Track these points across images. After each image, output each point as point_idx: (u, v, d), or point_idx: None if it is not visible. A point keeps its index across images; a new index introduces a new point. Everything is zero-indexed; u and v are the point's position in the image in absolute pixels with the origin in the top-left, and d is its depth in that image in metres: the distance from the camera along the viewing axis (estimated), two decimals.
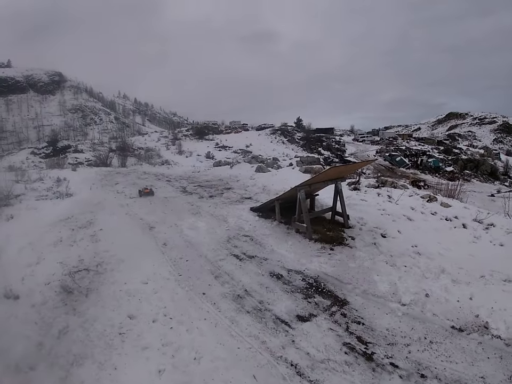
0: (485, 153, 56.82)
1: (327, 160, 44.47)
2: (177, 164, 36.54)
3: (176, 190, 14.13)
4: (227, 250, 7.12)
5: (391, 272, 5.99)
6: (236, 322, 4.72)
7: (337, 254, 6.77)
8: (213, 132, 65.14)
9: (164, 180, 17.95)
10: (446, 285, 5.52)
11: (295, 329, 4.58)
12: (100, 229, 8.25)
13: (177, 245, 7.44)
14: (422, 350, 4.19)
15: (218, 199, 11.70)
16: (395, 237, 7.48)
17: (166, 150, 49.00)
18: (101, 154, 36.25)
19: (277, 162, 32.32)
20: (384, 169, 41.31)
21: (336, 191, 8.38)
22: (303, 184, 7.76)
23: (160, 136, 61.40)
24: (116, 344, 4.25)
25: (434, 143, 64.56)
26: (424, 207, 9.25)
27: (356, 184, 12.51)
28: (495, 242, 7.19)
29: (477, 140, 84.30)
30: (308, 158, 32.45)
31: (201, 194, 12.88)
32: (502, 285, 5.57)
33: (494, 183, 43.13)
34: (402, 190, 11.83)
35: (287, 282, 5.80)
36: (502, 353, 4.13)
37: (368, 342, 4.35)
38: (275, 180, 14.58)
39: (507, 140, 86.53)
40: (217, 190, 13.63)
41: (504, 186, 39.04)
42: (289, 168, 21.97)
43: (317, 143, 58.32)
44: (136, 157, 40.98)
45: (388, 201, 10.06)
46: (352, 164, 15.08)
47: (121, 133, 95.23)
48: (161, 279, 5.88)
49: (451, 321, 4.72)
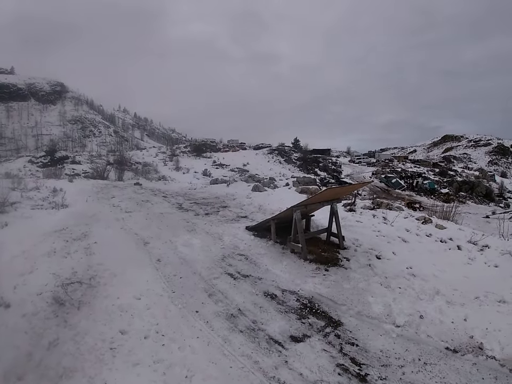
0: (480, 175, 57.34)
1: (323, 181, 44.68)
2: (174, 180, 36.60)
3: (172, 206, 14.09)
4: (221, 269, 7.09)
5: (386, 293, 5.99)
6: (229, 341, 4.69)
7: (332, 275, 6.77)
8: (211, 149, 65.49)
9: (160, 195, 17.93)
10: (440, 307, 5.53)
11: (289, 350, 4.55)
12: (94, 242, 8.20)
13: (171, 261, 7.40)
14: (416, 372, 4.17)
15: (214, 217, 11.68)
16: (390, 258, 7.50)
17: (163, 165, 49.20)
18: (99, 166, 36.14)
19: (273, 182, 32.38)
20: (380, 191, 41.48)
21: (331, 212, 8.41)
22: (299, 204, 7.78)
23: (158, 151, 61.76)
24: (106, 359, 4.21)
25: (429, 165, 65.09)
26: (419, 229, 9.30)
27: (351, 205, 12.57)
28: (489, 263, 7.21)
29: (472, 162, 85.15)
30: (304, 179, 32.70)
31: (197, 211, 12.85)
32: (497, 306, 5.59)
33: (489, 205, 43.42)
34: (398, 211, 11.90)
35: (281, 303, 5.77)
36: (497, 374, 4.13)
37: (362, 363, 4.32)
38: (271, 199, 14.60)
39: (502, 161, 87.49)
40: (213, 207, 13.62)
41: (499, 208, 39.42)
42: (286, 188, 22.08)
43: (314, 163, 58.67)
44: (134, 171, 41.02)
45: (383, 222, 10.10)
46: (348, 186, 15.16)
47: (119, 146, 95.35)
48: (155, 295, 5.83)
49: (445, 343, 4.72)
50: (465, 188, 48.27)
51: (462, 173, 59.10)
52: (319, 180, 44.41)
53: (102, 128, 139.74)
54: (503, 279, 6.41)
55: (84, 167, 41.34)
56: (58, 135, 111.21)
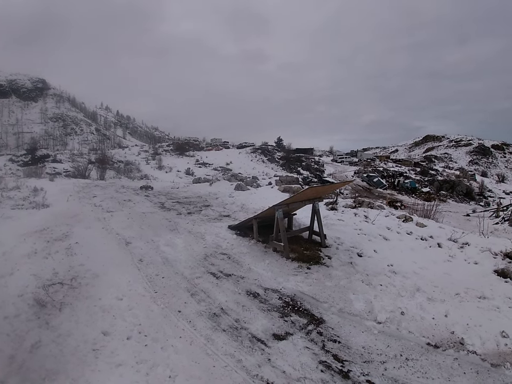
0: (460, 175, 58.10)
1: (306, 180, 44.79)
2: (157, 179, 36.23)
3: (154, 206, 13.96)
4: (204, 268, 7.07)
5: (367, 290, 6.05)
6: (212, 340, 4.68)
7: (313, 273, 6.81)
8: (194, 148, 65.32)
9: (142, 194, 17.74)
10: (421, 303, 5.61)
11: (271, 348, 4.56)
12: (75, 242, 8.10)
13: (153, 261, 7.35)
14: (398, 367, 4.23)
15: (197, 216, 11.63)
16: (371, 256, 7.58)
17: (145, 164, 48.92)
18: (80, 165, 35.49)
19: (256, 181, 32.44)
20: (361, 190, 41.74)
21: (313, 210, 8.44)
22: (281, 203, 7.79)
23: (140, 150, 61.35)
24: (89, 360, 4.17)
25: (411, 164, 65.80)
26: (400, 227, 9.41)
27: (333, 204, 12.64)
28: (469, 260, 7.35)
29: (453, 162, 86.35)
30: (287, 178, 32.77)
31: (179, 210, 12.77)
32: (477, 302, 5.72)
33: (469, 203, 44.03)
34: (379, 210, 12.02)
35: (264, 301, 5.79)
36: (478, 368, 4.22)
37: (345, 360, 4.36)
38: (254, 198, 14.61)
39: (482, 161, 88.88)
40: (196, 207, 13.55)
41: (479, 206, 39.94)
42: (268, 187, 22.12)
43: (297, 162, 58.90)
44: (115, 170, 40.67)
45: (364, 221, 10.20)
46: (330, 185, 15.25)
47: (101, 145, 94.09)
48: (137, 295, 5.79)
49: (427, 338, 4.79)
50: (446, 187, 48.88)
51: (443, 172, 59.86)
52: (301, 178, 44.54)
53: (84, 126, 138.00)
54: (483, 276, 6.56)
55: (65, 165, 40.85)
56: (39, 133, 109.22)
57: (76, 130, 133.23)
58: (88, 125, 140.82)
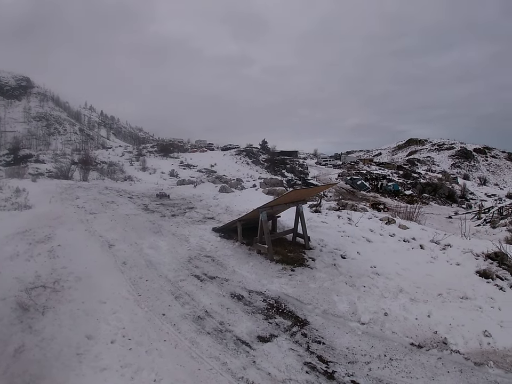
0: (443, 178, 58.87)
1: (290, 182, 44.90)
2: (140, 181, 36.02)
3: (138, 208, 13.89)
4: (188, 271, 7.05)
5: (351, 292, 6.10)
6: (196, 343, 4.67)
7: (297, 275, 6.84)
8: (178, 149, 64.98)
9: (125, 196, 17.63)
10: (404, 304, 5.68)
11: (256, 350, 4.57)
12: (58, 244, 8.01)
13: (137, 264, 7.31)
14: (383, 367, 4.28)
15: (181, 218, 11.60)
16: (354, 258, 7.64)
17: (129, 165, 48.42)
18: (63, 166, 34.80)
19: (240, 183, 32.37)
20: (345, 192, 41.95)
21: (297, 213, 8.48)
22: (265, 205, 7.82)
23: (124, 151, 60.73)
24: (73, 365, 4.12)
25: (394, 167, 66.37)
26: (383, 229, 9.51)
27: (317, 206, 12.72)
28: (451, 262, 7.47)
29: (435, 165, 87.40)
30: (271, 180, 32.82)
31: (163, 212, 12.73)
32: (459, 302, 5.82)
33: (451, 206, 44.68)
34: (362, 212, 12.11)
35: (248, 303, 5.80)
36: (462, 367, 4.30)
37: (329, 361, 4.39)
38: (238, 200, 14.64)
39: (464, 164, 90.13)
40: (180, 209, 13.52)
41: (461, 209, 40.67)
42: (253, 189, 22.19)
43: (281, 165, 59.04)
44: (99, 171, 40.11)
45: (347, 223, 10.28)
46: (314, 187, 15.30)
47: (84, 145, 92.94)
48: (120, 298, 5.75)
49: (410, 338, 4.86)
50: (429, 190, 49.48)
51: (426, 175, 60.56)
52: (286, 181, 44.63)
53: (68, 125, 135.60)
54: (465, 277, 6.67)
55: (48, 166, 40.14)
56: (22, 132, 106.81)
57: (59, 130, 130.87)
58: (72, 124, 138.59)
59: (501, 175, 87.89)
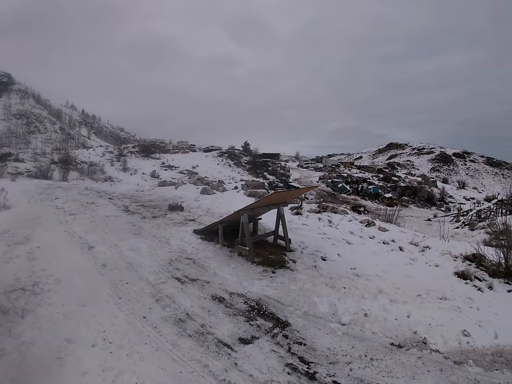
0: (422, 181, 59.56)
1: (271, 185, 44.96)
2: (121, 181, 35.56)
3: (118, 209, 13.74)
4: (169, 273, 7.02)
5: (331, 293, 6.15)
6: (178, 346, 4.66)
7: (278, 276, 6.87)
8: (160, 150, 64.28)
9: (106, 197, 17.42)
10: (384, 305, 5.77)
11: (238, 352, 4.58)
12: (37, 246, 7.86)
13: (117, 266, 7.23)
14: (363, 367, 4.33)
15: (161, 220, 11.53)
16: (335, 260, 7.71)
17: (110, 166, 47.65)
18: (42, 165, 34.14)
19: (222, 185, 32.38)
20: (326, 195, 42.22)
21: (278, 215, 8.52)
22: (246, 208, 7.84)
23: (105, 151, 59.64)
24: (54, 369, 4.06)
25: (374, 171, 66.98)
26: (363, 231, 9.62)
27: (298, 209, 12.76)
28: (430, 263, 7.61)
29: (415, 169, 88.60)
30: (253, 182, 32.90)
31: (144, 214, 12.62)
32: (438, 302, 5.94)
33: (430, 209, 45.30)
34: (343, 215, 12.21)
35: (229, 305, 5.80)
36: (442, 366, 4.39)
37: (310, 361, 4.43)
38: (219, 202, 14.59)
39: (444, 168, 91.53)
40: (161, 210, 13.43)
41: (440, 212, 41.24)
42: (234, 191, 22.19)
43: (263, 167, 59.05)
44: (79, 171, 39.47)
45: (328, 225, 10.36)
46: (295, 190, 15.38)
47: (65, 144, 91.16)
48: (100, 301, 5.69)
49: (390, 339, 4.94)
50: (408, 193, 50.12)
51: (405, 178, 61.20)
52: (267, 183, 44.68)
53: (48, 124, 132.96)
54: (444, 278, 6.82)
55: (28, 165, 39.27)
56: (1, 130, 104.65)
57: (39, 128, 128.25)
58: (53, 123, 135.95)
59: (480, 179, 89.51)
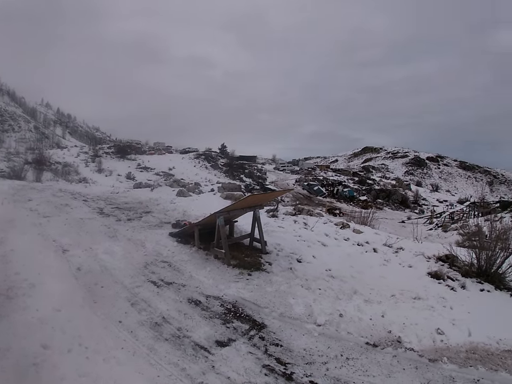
0: (396, 184, 60.76)
1: (248, 187, 45.17)
2: (96, 183, 34.89)
3: (93, 211, 13.51)
4: (144, 277, 6.95)
5: (307, 295, 6.21)
6: (155, 350, 4.63)
7: (254, 279, 6.90)
8: (136, 151, 63.46)
9: (80, 199, 17.08)
10: (358, 305, 5.86)
11: (215, 355, 4.57)
12: (10, 249, 7.68)
13: (92, 270, 7.12)
14: (340, 367, 4.39)
15: (137, 223, 11.41)
16: (310, 261, 7.78)
17: (85, 166, 46.76)
18: (16, 165, 33.39)
19: (198, 187, 32.33)
20: (302, 198, 42.57)
21: (254, 218, 8.55)
22: (222, 210, 7.84)
23: (80, 151, 58.61)
24: (30, 375, 3.97)
25: (350, 174, 68.01)
26: (338, 234, 9.75)
27: (274, 211, 12.84)
28: (404, 264, 7.78)
29: (389, 172, 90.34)
30: (229, 185, 32.98)
31: (119, 216, 12.45)
32: (412, 302, 6.07)
33: (404, 211, 46.34)
34: (318, 217, 12.33)
35: (206, 308, 5.79)
36: (417, 364, 4.49)
37: (287, 362, 4.46)
38: (196, 205, 14.51)
39: (417, 172, 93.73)
40: (136, 213, 13.27)
41: (414, 214, 42.21)
42: (211, 193, 22.09)
43: (240, 170, 59.22)
44: (53, 172, 38.64)
45: (303, 228, 10.46)
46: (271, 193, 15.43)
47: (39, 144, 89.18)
48: (75, 306, 5.58)
49: (365, 338, 5.03)
50: (383, 196, 51.10)
51: (380, 181, 62.36)
52: (244, 186, 44.89)
53: (22, 122, 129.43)
54: (417, 278, 6.99)
55: (1, 165, 38.65)
56: None
57: (13, 127, 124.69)
58: (27, 121, 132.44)
59: (453, 182, 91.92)
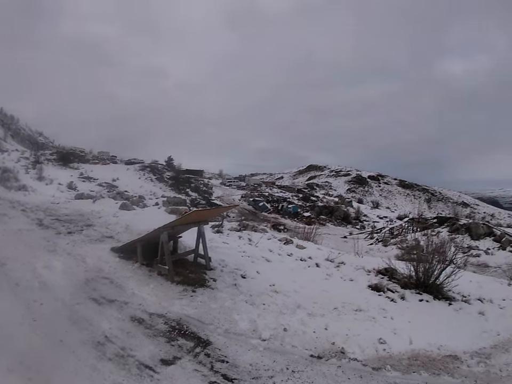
0: (339, 201, 62.30)
1: (194, 202, 44.88)
2: (36, 191, 33.23)
3: (32, 222, 12.93)
4: (85, 294, 6.70)
5: (251, 310, 6.26)
6: (98, 370, 4.49)
7: (199, 295, 6.85)
8: (79, 160, 61.36)
9: (19, 208, 16.26)
10: (302, 319, 5.99)
11: (160, 374, 4.51)
12: None
13: (31, 285, 6.79)
14: (286, 380, 4.46)
15: (78, 236, 10.98)
16: (254, 277, 7.84)
17: (25, 173, 44.50)
18: None
19: (143, 201, 31.77)
20: (248, 213, 42.82)
21: (199, 233, 8.50)
22: (166, 225, 7.74)
23: (21, 156, 56.06)
24: None
25: (294, 191, 69.05)
26: (281, 249, 9.92)
27: (219, 227, 12.85)
28: (345, 278, 8.07)
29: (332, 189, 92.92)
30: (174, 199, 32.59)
31: (58, 229, 11.95)
32: (354, 314, 6.31)
33: (346, 227, 47.59)
34: (262, 233, 12.51)
35: (149, 326, 5.69)
36: (361, 373, 4.65)
37: (234, 378, 4.48)
38: (139, 219, 14.23)
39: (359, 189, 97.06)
40: (77, 226, 12.81)
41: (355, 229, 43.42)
42: (155, 207, 21.85)
43: (186, 184, 58.76)
44: None
45: (248, 243, 10.56)
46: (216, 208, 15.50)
47: None
48: (14, 324, 5.31)
49: (310, 351, 5.14)
50: (326, 212, 52.34)
51: (323, 198, 63.82)
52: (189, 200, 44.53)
53: None
54: (358, 291, 7.25)
55: None
56: None
57: None
58: None
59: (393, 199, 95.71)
